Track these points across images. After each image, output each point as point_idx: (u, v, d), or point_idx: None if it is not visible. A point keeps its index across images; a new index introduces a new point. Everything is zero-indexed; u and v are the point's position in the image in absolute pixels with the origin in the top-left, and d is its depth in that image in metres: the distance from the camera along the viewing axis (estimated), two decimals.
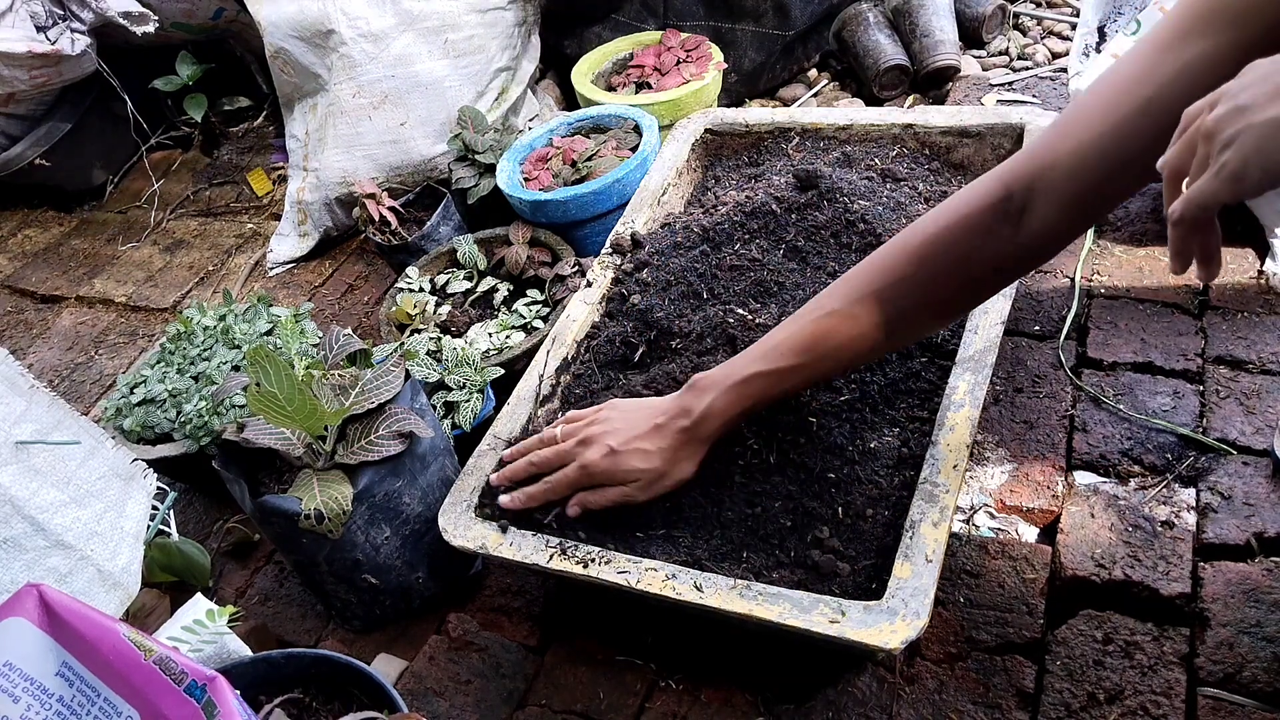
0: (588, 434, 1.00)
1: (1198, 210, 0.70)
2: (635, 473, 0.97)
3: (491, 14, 1.78)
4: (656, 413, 0.99)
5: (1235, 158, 0.66)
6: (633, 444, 0.97)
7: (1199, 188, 0.69)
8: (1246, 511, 1.00)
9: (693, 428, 0.96)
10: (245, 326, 1.44)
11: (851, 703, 0.95)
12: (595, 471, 0.98)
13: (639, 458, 0.97)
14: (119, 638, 0.74)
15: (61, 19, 2.05)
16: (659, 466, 0.97)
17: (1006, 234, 0.82)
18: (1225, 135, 0.67)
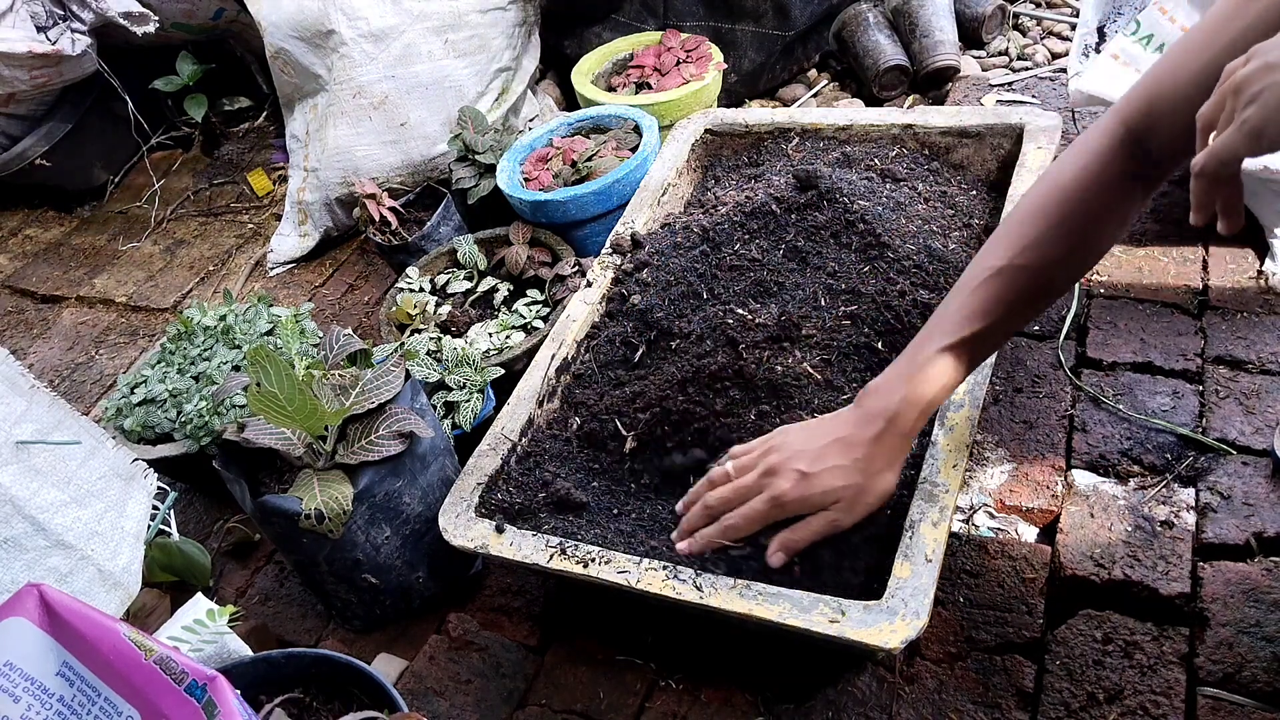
0: (769, 464, 0.91)
1: (1218, 164, 0.71)
2: (834, 494, 0.88)
3: (492, 14, 1.78)
4: (838, 427, 0.91)
5: (1257, 113, 0.68)
6: (824, 463, 0.89)
7: (1221, 141, 0.71)
8: (1246, 511, 1.00)
9: (886, 430, 0.88)
10: (245, 326, 1.44)
11: (851, 702, 0.95)
12: (788, 502, 0.89)
13: (834, 475, 0.88)
14: (119, 637, 0.74)
15: (62, 19, 2.05)
16: (858, 481, 0.88)
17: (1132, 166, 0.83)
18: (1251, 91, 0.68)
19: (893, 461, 0.89)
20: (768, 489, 0.90)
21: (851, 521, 0.89)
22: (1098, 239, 0.89)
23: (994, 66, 1.88)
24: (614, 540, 0.98)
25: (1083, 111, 1.60)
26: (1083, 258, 0.90)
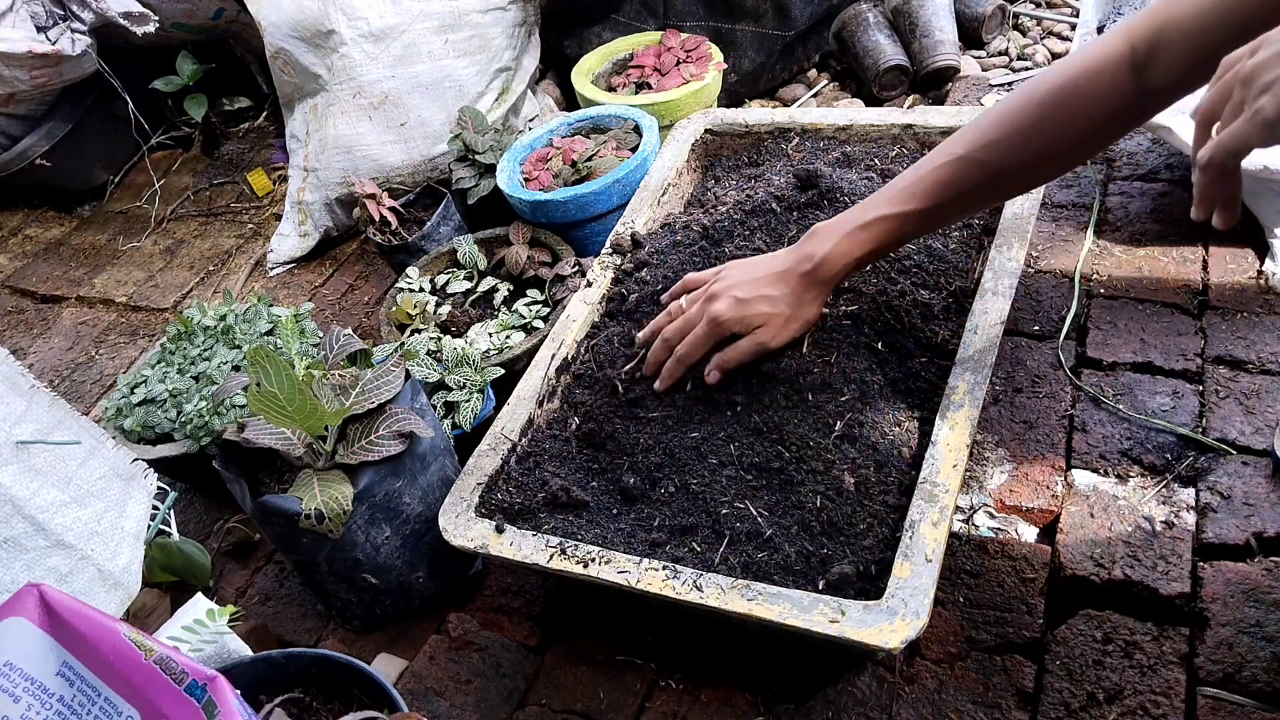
0: (712, 291, 1.05)
1: (1227, 155, 0.71)
2: (762, 316, 1.02)
3: (492, 14, 1.78)
4: (776, 263, 1.03)
5: (1271, 103, 0.67)
6: (758, 291, 1.02)
7: (1231, 131, 0.70)
8: (1246, 511, 1.00)
9: (814, 270, 1.00)
10: (245, 326, 1.44)
11: (851, 702, 0.95)
12: (724, 321, 1.02)
13: (765, 303, 1.02)
14: (119, 637, 0.74)
15: (62, 19, 2.05)
16: (784, 311, 1.02)
17: (1130, 88, 0.83)
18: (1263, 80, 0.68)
19: (816, 298, 1.03)
20: (707, 313, 1.04)
21: (776, 344, 1.03)
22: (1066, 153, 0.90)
23: (994, 66, 1.88)
24: (614, 540, 0.98)
25: None
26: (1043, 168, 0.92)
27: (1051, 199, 1.46)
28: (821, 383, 1.04)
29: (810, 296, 1.02)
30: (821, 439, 1.00)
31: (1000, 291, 1.06)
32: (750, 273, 1.04)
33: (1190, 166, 0.74)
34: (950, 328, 1.08)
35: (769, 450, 1.01)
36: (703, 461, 1.02)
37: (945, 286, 1.11)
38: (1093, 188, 1.46)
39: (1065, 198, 1.46)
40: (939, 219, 0.97)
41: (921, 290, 1.11)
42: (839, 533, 0.94)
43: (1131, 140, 1.53)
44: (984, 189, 0.93)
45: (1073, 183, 1.48)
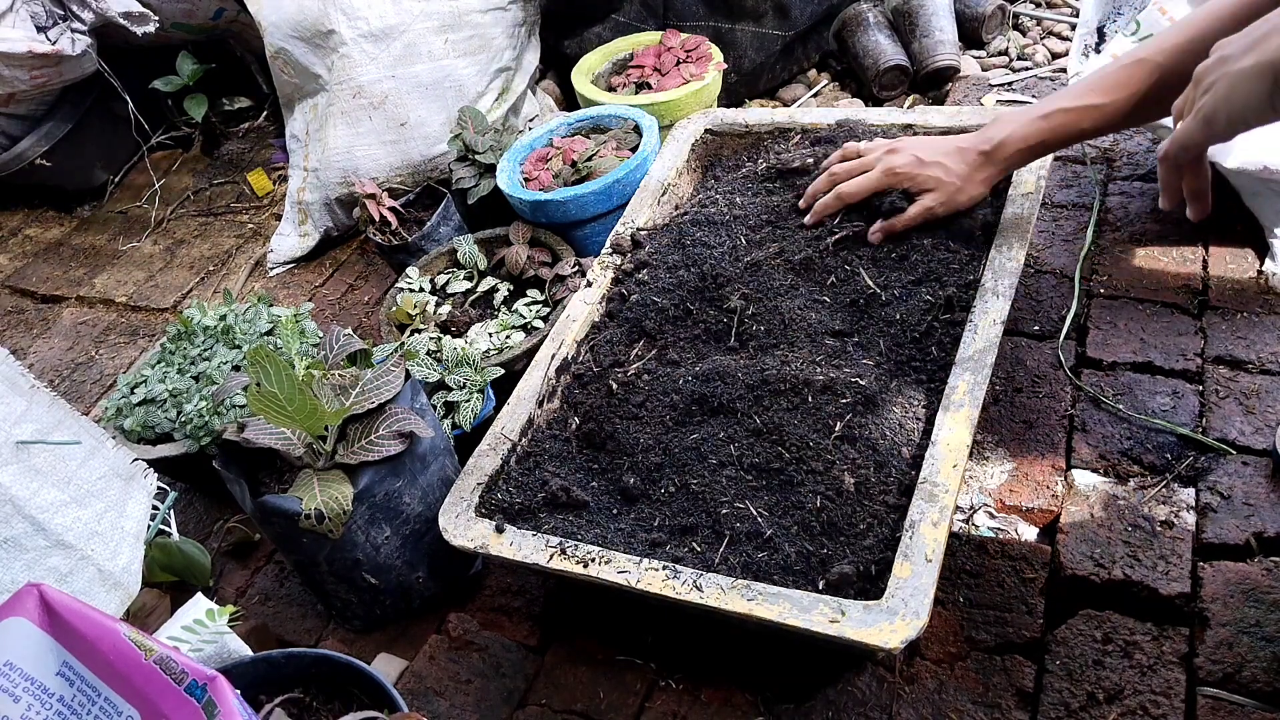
0: (893, 146, 1.12)
1: (1178, 149, 0.78)
2: (934, 180, 1.08)
3: (492, 14, 1.78)
4: (957, 140, 1.10)
5: (1209, 102, 0.74)
6: (937, 157, 1.09)
7: (1181, 127, 0.77)
8: (1246, 511, 1.00)
9: (992, 151, 1.06)
10: (245, 326, 1.44)
11: (851, 702, 0.95)
12: (899, 172, 1.09)
13: (940, 169, 1.08)
14: (119, 637, 0.74)
15: (62, 19, 2.05)
16: (956, 181, 1.08)
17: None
18: (1207, 81, 0.75)
19: (989, 178, 1.09)
20: (884, 162, 1.11)
21: (944, 211, 1.09)
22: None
23: (994, 66, 1.88)
24: (614, 540, 0.98)
25: None
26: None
27: (1051, 199, 1.46)
28: (822, 384, 1.04)
29: (982, 175, 1.08)
30: (821, 439, 1.00)
31: (1000, 291, 1.06)
32: (932, 144, 1.11)
33: None
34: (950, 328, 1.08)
35: (769, 451, 1.01)
36: (703, 461, 1.02)
37: (945, 286, 1.11)
38: (1093, 188, 1.46)
39: (1065, 198, 1.46)
40: (1115, 117, 1.00)
41: (922, 287, 1.11)
42: (839, 533, 0.94)
43: (1131, 140, 1.53)
44: (1160, 91, 0.96)
45: (1073, 183, 1.48)
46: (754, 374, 1.07)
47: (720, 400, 1.06)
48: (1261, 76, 0.71)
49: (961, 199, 1.09)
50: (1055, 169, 1.50)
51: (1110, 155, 1.51)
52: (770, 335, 1.12)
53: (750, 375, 1.07)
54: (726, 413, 1.05)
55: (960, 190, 1.09)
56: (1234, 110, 0.73)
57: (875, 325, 1.10)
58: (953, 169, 1.09)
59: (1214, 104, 0.74)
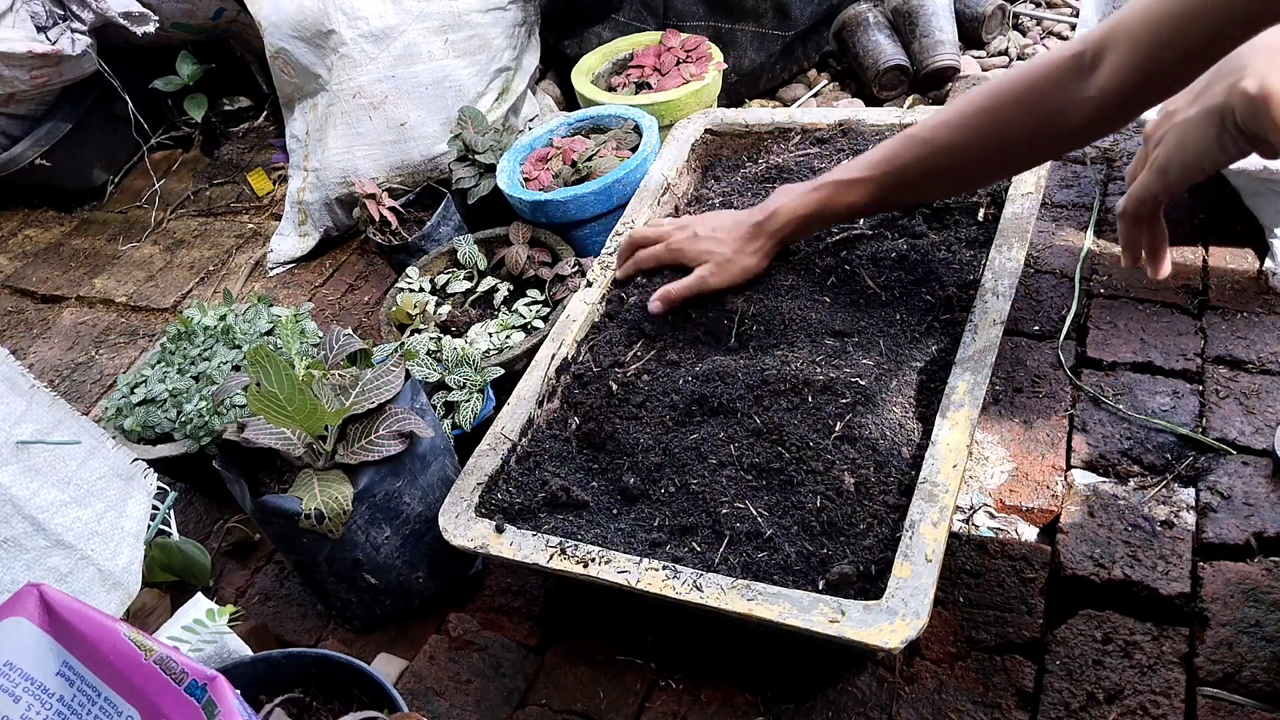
0: (682, 222, 1.20)
1: (1136, 203, 0.80)
2: (708, 254, 1.13)
3: (492, 14, 1.78)
4: (739, 214, 1.16)
5: (1161, 154, 0.77)
6: (713, 232, 1.15)
7: (1137, 182, 0.80)
8: (1246, 511, 1.00)
9: (763, 222, 1.10)
10: (245, 326, 1.44)
11: (851, 702, 0.95)
12: (674, 249, 1.16)
13: (713, 243, 1.13)
14: (119, 637, 0.74)
15: (62, 19, 2.05)
16: (728, 253, 1.12)
17: (1077, 88, 0.85)
18: (1157, 136, 0.78)
19: (761, 250, 1.12)
20: (668, 237, 1.18)
21: (716, 284, 1.13)
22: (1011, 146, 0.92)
23: (994, 66, 1.88)
24: (614, 540, 0.98)
25: None
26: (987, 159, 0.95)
27: (1051, 199, 1.46)
28: (822, 384, 1.04)
29: (755, 246, 1.12)
30: (821, 439, 1.00)
31: (1000, 291, 1.06)
32: (714, 219, 1.17)
33: None
34: (950, 328, 1.08)
35: (769, 451, 1.01)
36: (703, 462, 1.02)
37: (945, 286, 1.11)
38: (1093, 188, 1.46)
39: (1065, 198, 1.46)
40: (885, 191, 1.03)
41: (921, 286, 1.11)
42: (839, 533, 0.94)
43: (1131, 140, 1.53)
44: (925, 166, 0.98)
45: (1073, 183, 1.48)
46: (754, 374, 1.07)
47: (720, 400, 1.06)
48: (1208, 122, 0.74)
49: (734, 270, 1.12)
50: (1055, 169, 1.50)
51: (1110, 155, 1.51)
52: (770, 335, 1.12)
53: (750, 375, 1.07)
54: (726, 413, 1.05)
55: (730, 262, 1.12)
56: (1187, 157, 0.75)
57: (875, 325, 1.10)
58: (724, 242, 1.13)
59: (1167, 154, 0.76)
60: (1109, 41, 0.81)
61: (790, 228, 1.10)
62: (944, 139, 0.95)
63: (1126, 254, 0.84)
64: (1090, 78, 0.83)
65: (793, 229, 1.10)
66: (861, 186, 1.03)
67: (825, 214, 1.07)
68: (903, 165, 0.99)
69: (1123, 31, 0.80)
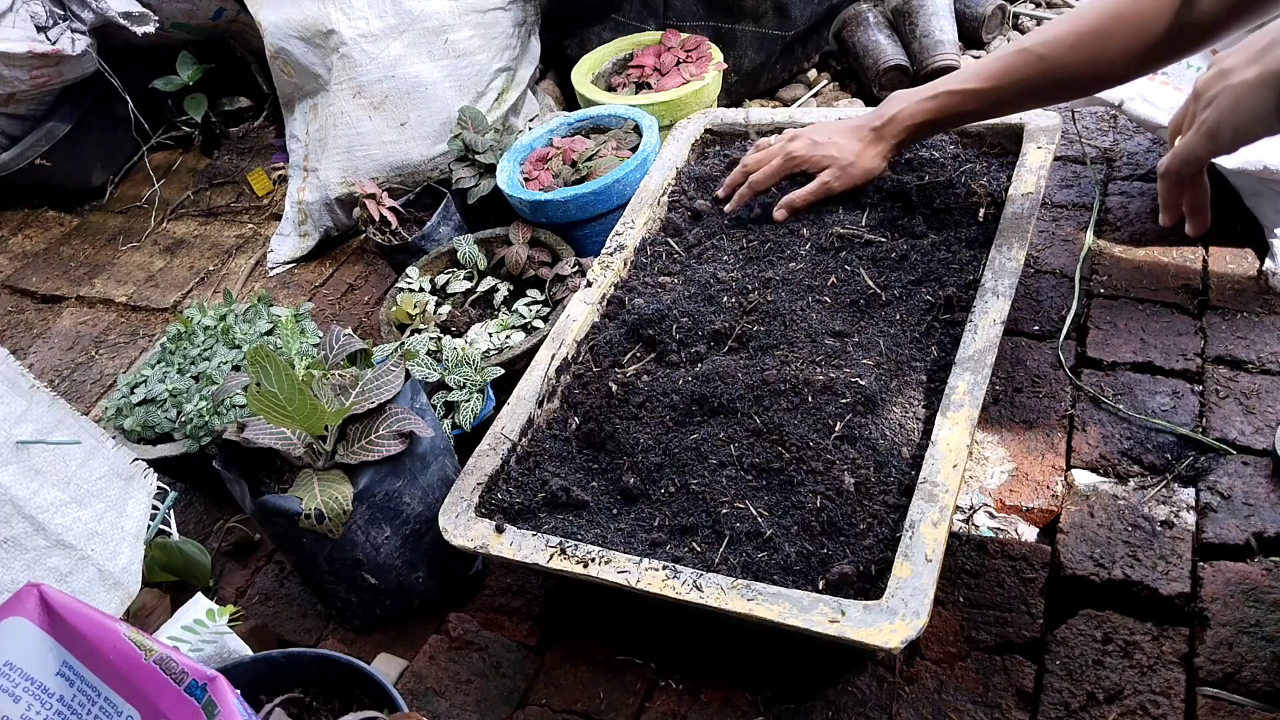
0: (794, 134, 1.20)
1: (1180, 164, 0.77)
2: (829, 159, 1.15)
3: (491, 14, 1.78)
4: (854, 120, 1.18)
5: (1212, 116, 0.74)
6: (831, 138, 1.16)
7: (1183, 142, 0.77)
8: (1246, 511, 1.00)
9: (881, 127, 1.13)
10: (245, 326, 1.44)
11: (851, 702, 0.95)
12: (797, 157, 1.17)
13: (835, 148, 1.15)
14: (119, 637, 0.74)
15: (62, 19, 2.05)
16: (849, 158, 1.15)
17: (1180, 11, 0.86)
18: (1207, 95, 0.75)
19: (880, 153, 1.15)
20: (784, 149, 1.19)
21: (839, 187, 1.16)
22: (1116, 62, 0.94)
23: None
24: (614, 540, 0.98)
25: (1083, 111, 1.60)
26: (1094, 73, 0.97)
27: (1051, 199, 1.46)
28: (822, 384, 1.04)
29: (875, 150, 1.14)
30: (821, 439, 1.00)
31: (1000, 291, 1.06)
32: (829, 126, 1.19)
33: None
34: (950, 328, 1.08)
35: (769, 451, 1.01)
36: (703, 462, 1.02)
37: (945, 286, 1.11)
38: (1093, 188, 1.46)
39: (1065, 198, 1.46)
40: (998, 101, 1.06)
41: (921, 288, 1.11)
42: (839, 533, 0.94)
43: (1131, 140, 1.53)
44: (1040, 81, 1.01)
45: (1073, 183, 1.48)
46: (754, 374, 1.07)
47: (720, 400, 1.06)
48: (1267, 87, 0.71)
49: (855, 173, 1.15)
50: (1055, 169, 1.50)
51: (1110, 155, 1.51)
52: (770, 335, 1.12)
53: (750, 375, 1.07)
54: (726, 413, 1.05)
55: (853, 165, 1.15)
56: (1240, 122, 0.73)
57: (875, 325, 1.10)
58: (845, 146, 1.15)
59: (1218, 117, 0.73)
60: None
61: (908, 133, 1.13)
62: (1059, 56, 0.98)
63: (1166, 213, 0.83)
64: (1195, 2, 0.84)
65: (910, 134, 1.13)
66: (978, 97, 1.06)
67: (938, 121, 1.11)
68: (1019, 79, 1.02)
69: None
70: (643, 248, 1.32)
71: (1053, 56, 0.99)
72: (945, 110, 1.10)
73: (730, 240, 1.26)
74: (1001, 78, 1.04)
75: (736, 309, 1.16)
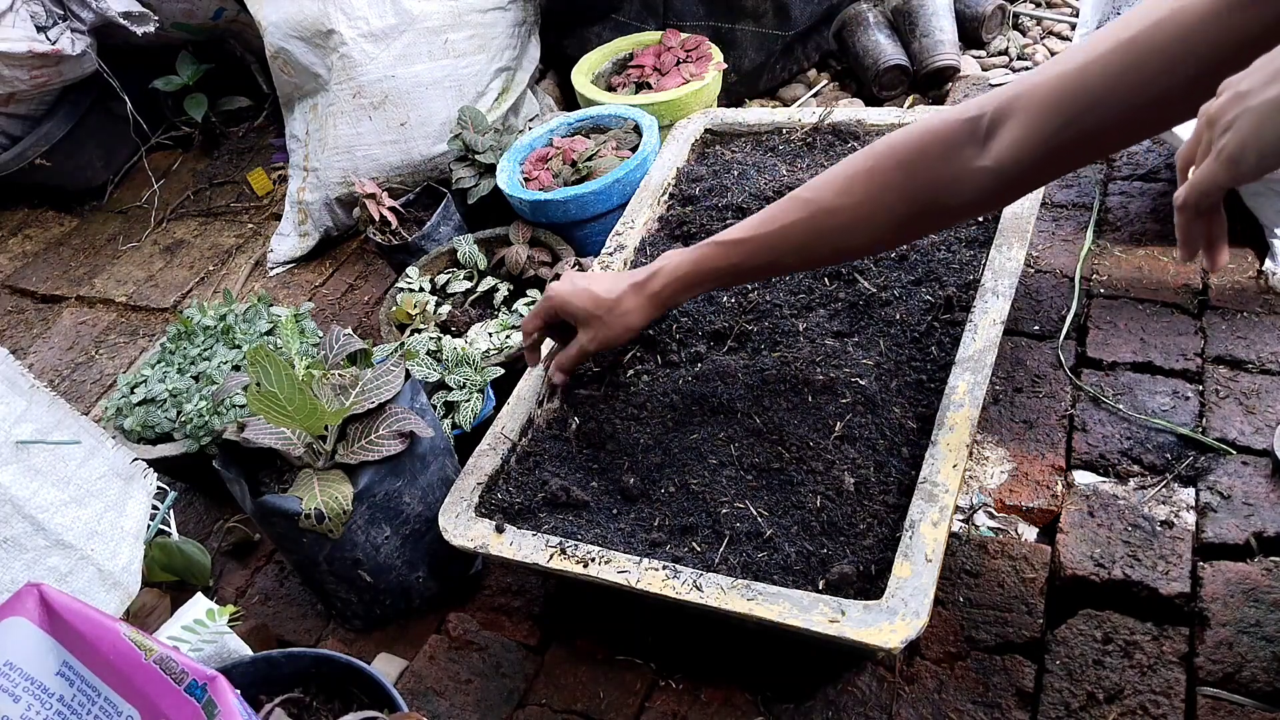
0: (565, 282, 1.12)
1: (1199, 195, 0.71)
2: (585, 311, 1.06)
3: (492, 14, 1.78)
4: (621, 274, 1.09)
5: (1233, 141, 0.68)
6: (593, 283, 1.07)
7: (1200, 172, 0.70)
8: (1246, 511, 1.00)
9: (644, 282, 1.04)
10: (245, 326, 1.44)
11: (851, 702, 0.95)
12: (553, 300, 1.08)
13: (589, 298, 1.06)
14: (119, 637, 0.74)
15: (62, 19, 2.05)
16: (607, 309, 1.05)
17: (970, 156, 0.81)
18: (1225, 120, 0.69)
19: (642, 309, 1.05)
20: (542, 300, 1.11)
21: (596, 345, 1.07)
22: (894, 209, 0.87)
23: (994, 66, 1.88)
24: (614, 540, 0.98)
25: None
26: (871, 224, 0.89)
27: (1051, 199, 1.46)
28: (822, 384, 1.04)
29: (635, 304, 1.05)
30: (821, 439, 1.00)
31: (1000, 291, 1.06)
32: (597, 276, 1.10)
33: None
34: (948, 332, 1.08)
35: (769, 451, 1.01)
36: (703, 462, 1.02)
37: (945, 286, 1.11)
38: (1093, 188, 1.46)
39: (1065, 198, 1.46)
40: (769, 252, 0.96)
41: (921, 287, 1.11)
42: (839, 533, 0.94)
43: None
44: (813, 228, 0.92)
45: (1073, 183, 1.48)
46: (754, 374, 1.07)
47: (720, 400, 1.06)
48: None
49: (612, 332, 1.06)
50: None
51: (1110, 155, 1.51)
52: (770, 335, 1.12)
53: (750, 375, 1.07)
54: (726, 413, 1.05)
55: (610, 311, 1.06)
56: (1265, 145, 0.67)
57: (875, 325, 1.10)
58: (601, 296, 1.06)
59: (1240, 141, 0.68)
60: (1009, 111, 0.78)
61: (671, 290, 1.03)
62: (828, 200, 0.90)
63: (1184, 248, 0.75)
64: (986, 146, 0.79)
65: (673, 290, 1.03)
66: (744, 246, 0.97)
67: (706, 274, 1.01)
68: (786, 225, 0.93)
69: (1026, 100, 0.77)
70: (642, 248, 1.32)
71: (819, 201, 0.91)
72: (706, 265, 1.00)
73: None
74: (769, 225, 0.95)
75: (736, 309, 1.16)
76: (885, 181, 0.86)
